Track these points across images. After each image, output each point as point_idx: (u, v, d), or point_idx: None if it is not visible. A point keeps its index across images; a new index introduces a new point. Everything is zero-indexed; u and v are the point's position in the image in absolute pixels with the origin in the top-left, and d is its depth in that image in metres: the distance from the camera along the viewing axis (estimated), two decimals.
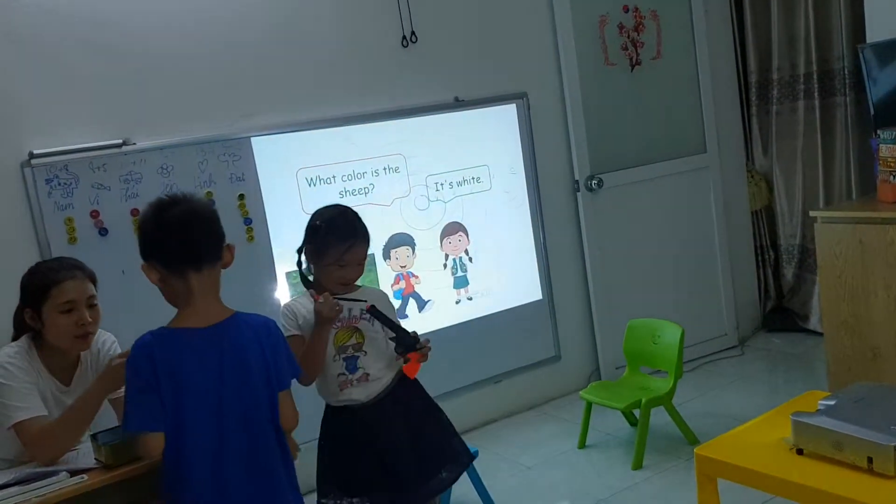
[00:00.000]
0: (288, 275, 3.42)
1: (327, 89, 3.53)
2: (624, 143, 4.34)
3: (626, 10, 4.26)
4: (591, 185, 4.19)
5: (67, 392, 2.29)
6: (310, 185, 3.46)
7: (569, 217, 4.23)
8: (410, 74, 3.72)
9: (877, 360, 3.29)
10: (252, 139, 3.33)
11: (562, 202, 4.20)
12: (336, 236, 2.37)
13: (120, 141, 3.08)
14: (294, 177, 3.43)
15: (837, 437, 1.83)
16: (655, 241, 4.41)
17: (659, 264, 4.43)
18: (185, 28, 3.23)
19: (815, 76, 4.34)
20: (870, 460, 1.77)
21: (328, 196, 3.50)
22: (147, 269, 1.90)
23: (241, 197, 3.31)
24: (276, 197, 3.39)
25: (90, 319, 2.24)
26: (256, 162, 3.34)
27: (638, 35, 4.30)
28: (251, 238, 3.33)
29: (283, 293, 3.41)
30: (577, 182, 4.19)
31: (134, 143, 3.11)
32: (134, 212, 3.08)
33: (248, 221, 3.32)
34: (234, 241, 3.21)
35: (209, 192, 3.23)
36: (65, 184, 2.98)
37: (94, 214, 3.04)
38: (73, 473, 2.00)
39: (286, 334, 2.23)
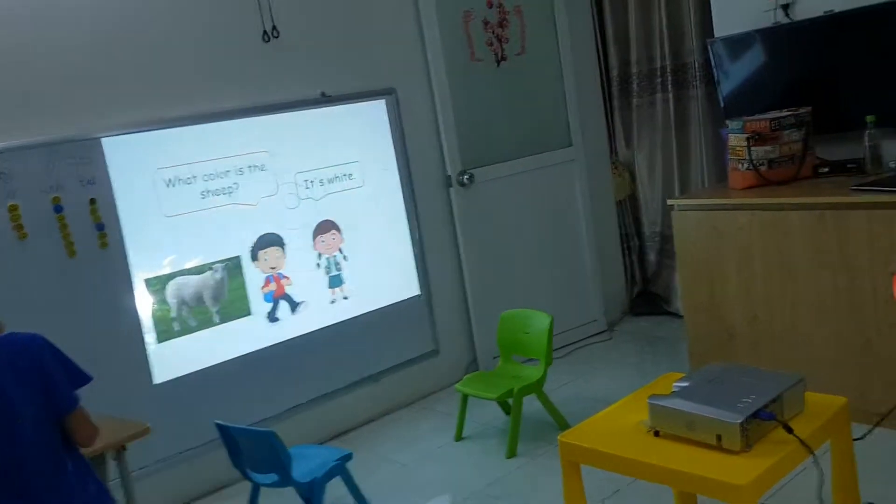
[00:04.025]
0: (147, 281, 3.26)
1: (184, 86, 3.39)
2: (493, 138, 4.39)
3: (490, 5, 4.30)
4: (462, 180, 4.22)
5: None
6: (168, 186, 3.31)
7: (443, 212, 4.24)
8: (273, 70, 3.62)
9: (733, 340, 3.48)
10: (103, 140, 3.15)
11: (435, 197, 4.21)
12: None
13: None
14: (151, 178, 3.27)
15: (689, 418, 1.90)
16: (527, 233, 4.50)
17: (531, 255, 4.52)
18: (27, 21, 3.01)
19: (669, 70, 4.53)
20: (718, 438, 1.85)
21: (188, 197, 3.36)
22: None
23: (93, 202, 3.12)
24: (131, 200, 3.22)
25: None
26: (108, 164, 3.16)
27: (503, 31, 4.35)
28: (104, 244, 3.15)
29: (141, 301, 3.25)
30: (449, 177, 4.21)
31: None
32: None
33: (100, 227, 3.14)
34: (86, 248, 3.10)
35: (56, 198, 3.03)
36: None
37: None
38: None
39: None
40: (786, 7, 3.58)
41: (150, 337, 3.27)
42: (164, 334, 3.31)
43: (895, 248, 2.87)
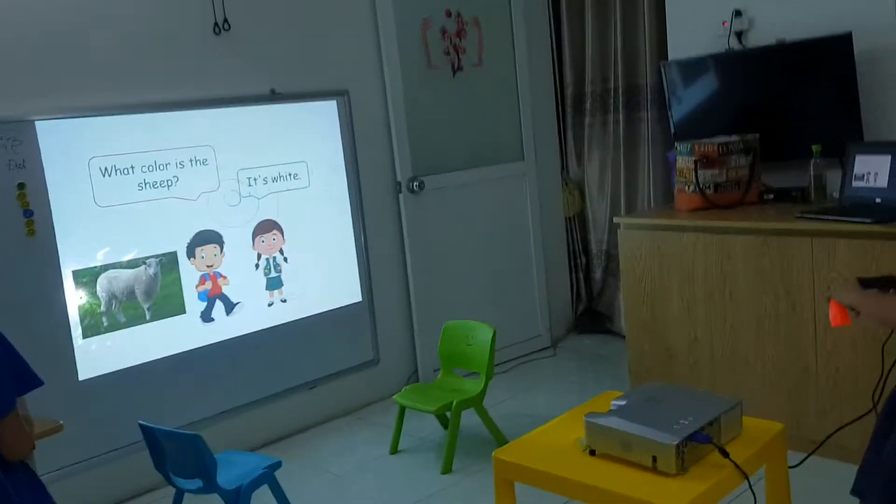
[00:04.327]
0: (76, 273, 3.11)
1: (129, 73, 3.26)
2: (446, 146, 4.35)
3: (449, 14, 4.27)
4: (413, 186, 4.16)
5: None
6: (104, 176, 3.18)
7: (391, 218, 4.18)
8: (223, 63, 3.52)
9: (673, 361, 3.48)
10: (37, 122, 3.01)
11: (384, 203, 4.14)
12: None
13: None
14: (86, 165, 3.14)
15: (625, 438, 1.87)
16: (475, 245, 4.46)
17: (478, 267, 4.47)
18: None
19: (623, 91, 4.53)
20: (654, 459, 1.82)
21: (125, 188, 3.24)
22: None
23: (22, 186, 2.97)
24: (64, 187, 3.08)
25: None
26: (41, 148, 3.01)
27: (460, 41, 4.32)
28: (32, 232, 2.99)
29: (70, 294, 3.10)
30: (399, 183, 4.15)
31: None
32: None
33: (28, 213, 2.98)
34: (11, 235, 2.95)
35: None
36: None
37: None
38: None
39: None
40: (739, 34, 3.62)
41: (76, 331, 3.12)
42: (91, 329, 3.16)
43: (836, 276, 2.90)
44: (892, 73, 3.23)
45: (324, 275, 3.89)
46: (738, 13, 3.61)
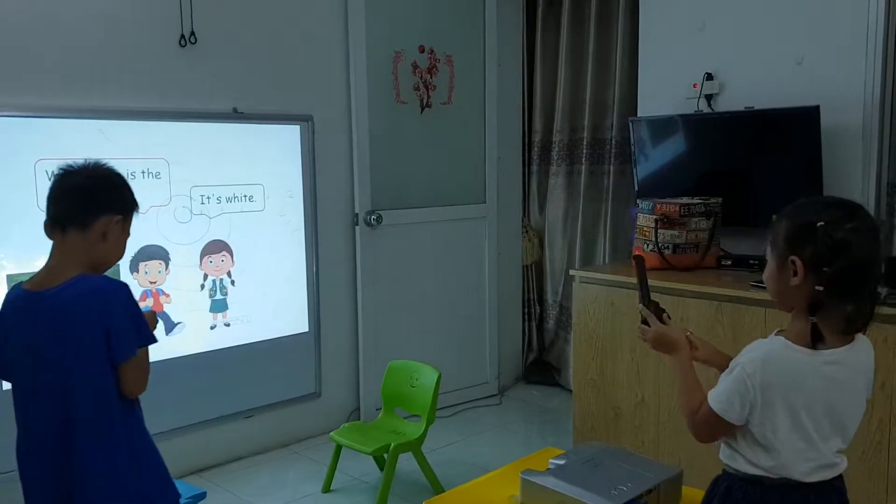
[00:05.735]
0: (10, 278, 2.97)
1: (86, 76, 3.17)
2: (407, 182, 4.30)
3: (422, 50, 4.25)
4: (370, 220, 4.09)
5: None
6: (50, 179, 3.05)
7: (345, 250, 4.09)
8: (186, 77, 3.44)
9: (618, 420, 3.41)
10: None
11: (339, 234, 4.06)
12: None
13: None
14: (31, 168, 3.01)
15: (561, 499, 1.80)
16: (429, 284, 4.39)
17: (430, 307, 4.40)
18: None
19: (589, 143, 4.54)
20: None
21: None
22: None
23: None
24: (6, 188, 2.95)
25: None
26: None
27: (431, 77, 4.29)
28: None
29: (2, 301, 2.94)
30: (356, 215, 4.07)
31: None
32: None
33: None
34: None
35: None
36: None
37: None
38: None
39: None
40: (709, 97, 3.64)
41: None
42: None
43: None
44: (856, 149, 3.27)
45: (271, 302, 3.78)
46: (709, 76, 3.63)
